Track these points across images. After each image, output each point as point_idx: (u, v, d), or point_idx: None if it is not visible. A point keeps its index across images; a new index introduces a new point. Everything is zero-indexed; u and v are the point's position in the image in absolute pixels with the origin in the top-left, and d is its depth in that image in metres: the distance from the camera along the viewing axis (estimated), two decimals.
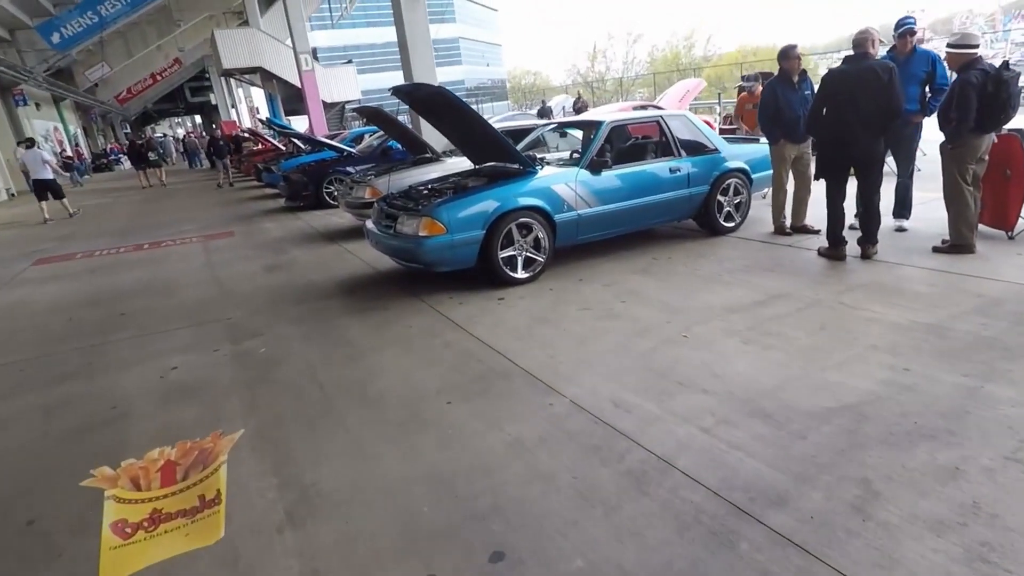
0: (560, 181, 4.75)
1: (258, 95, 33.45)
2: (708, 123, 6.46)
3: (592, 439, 2.43)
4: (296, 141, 14.47)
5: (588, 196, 4.87)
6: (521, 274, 4.65)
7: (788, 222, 5.44)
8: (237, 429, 1.37)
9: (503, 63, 75.31)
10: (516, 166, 5.01)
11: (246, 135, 22.66)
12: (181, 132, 49.63)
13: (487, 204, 4.44)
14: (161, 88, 34.80)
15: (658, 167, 5.22)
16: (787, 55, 5.04)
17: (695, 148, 5.49)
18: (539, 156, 5.51)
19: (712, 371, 2.95)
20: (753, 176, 5.81)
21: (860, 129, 4.26)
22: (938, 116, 4.39)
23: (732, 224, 5.75)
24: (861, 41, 4.22)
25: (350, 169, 10.16)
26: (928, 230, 4.98)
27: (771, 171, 6.09)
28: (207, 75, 36.70)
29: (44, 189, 11.57)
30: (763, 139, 6.13)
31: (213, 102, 38.84)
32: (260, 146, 19.30)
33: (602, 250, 5.34)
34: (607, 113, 5.39)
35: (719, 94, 15.72)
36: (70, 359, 3.94)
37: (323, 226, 8.42)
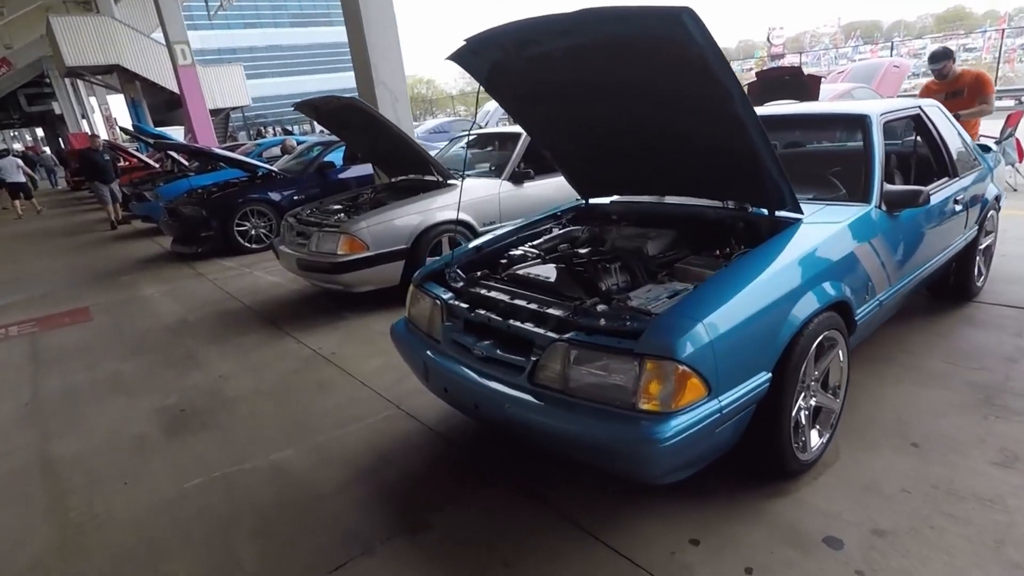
0: (856, 236, 2.23)
1: (117, 102, 27.79)
2: None
3: None
4: (175, 156, 10.77)
5: (889, 260, 2.41)
6: (813, 445, 2.07)
7: None
8: None
9: None
10: (722, 204, 2.44)
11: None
12: (18, 146, 41.51)
13: (780, 305, 1.82)
14: None
15: (946, 196, 2.87)
16: None
17: (962, 162, 3.20)
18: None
19: None
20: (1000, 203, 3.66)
21: None
22: None
23: (981, 281, 3.56)
24: None
25: (272, 196, 7.04)
26: None
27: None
28: (48, 79, 30.34)
29: (17, 190, 13.48)
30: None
31: (58, 111, 32.24)
32: (124, 162, 14.99)
33: None
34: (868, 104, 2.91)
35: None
36: None
37: (247, 292, 5.26)
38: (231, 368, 3.53)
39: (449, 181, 4.62)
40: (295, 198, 7.09)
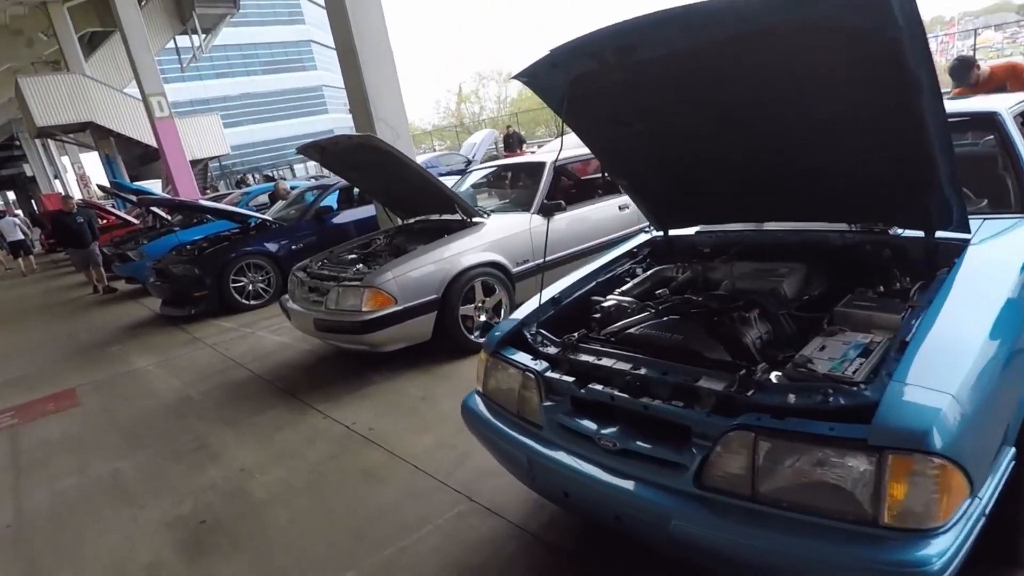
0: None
1: (90, 160, 27.21)
2: None
3: None
4: (156, 210, 10.25)
5: None
6: None
7: None
8: None
9: None
10: (849, 227, 2.05)
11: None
12: None
13: (1017, 358, 1.40)
14: None
15: None
16: None
17: None
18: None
19: None
20: None
21: None
22: None
23: None
24: None
25: (269, 247, 6.56)
26: None
27: None
28: (18, 142, 29.78)
29: (19, 248, 14.31)
30: None
31: (29, 173, 31.61)
32: (103, 220, 14.41)
33: None
34: None
35: None
36: None
37: (253, 357, 4.72)
38: (253, 458, 3.00)
39: (475, 219, 4.19)
40: (293, 248, 6.62)
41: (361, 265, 3.98)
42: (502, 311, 4.06)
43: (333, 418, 3.30)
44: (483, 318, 3.96)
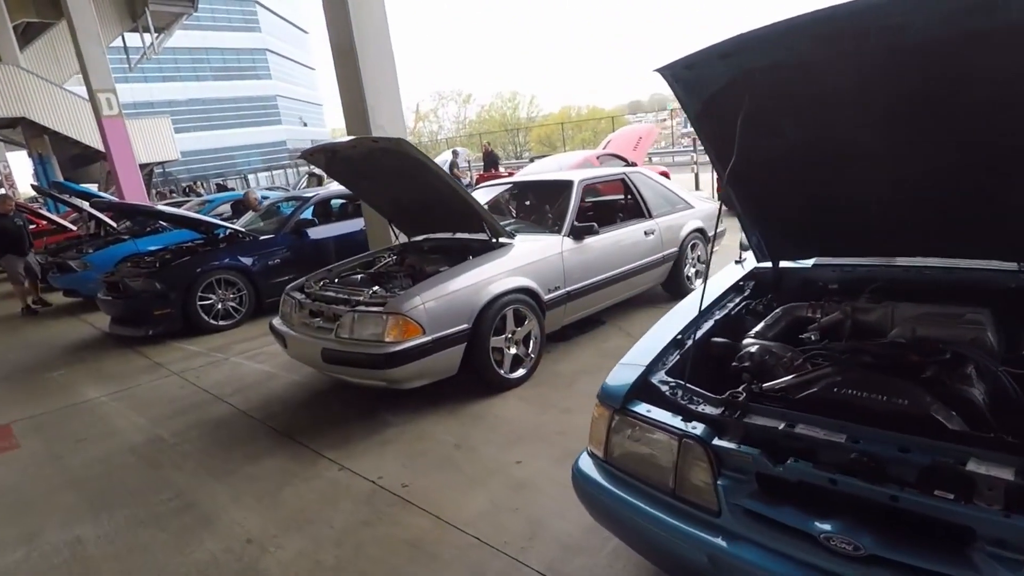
0: None
1: (17, 160, 25.04)
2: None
3: None
4: (99, 216, 9.26)
5: None
6: None
7: None
8: None
9: (325, 123, 70.07)
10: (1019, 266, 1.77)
11: None
12: None
13: None
14: None
15: None
16: None
17: None
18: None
19: None
20: None
21: None
22: None
23: None
24: None
25: (244, 261, 5.90)
26: None
27: None
28: None
29: None
30: None
31: None
32: (33, 225, 13.04)
33: None
34: None
35: (694, 140, 13.95)
36: None
37: (233, 388, 4.08)
38: (259, 523, 2.43)
39: (502, 240, 3.77)
40: (270, 263, 5.99)
41: (377, 288, 3.46)
42: (530, 343, 3.64)
43: (351, 470, 2.76)
44: (513, 351, 3.52)
